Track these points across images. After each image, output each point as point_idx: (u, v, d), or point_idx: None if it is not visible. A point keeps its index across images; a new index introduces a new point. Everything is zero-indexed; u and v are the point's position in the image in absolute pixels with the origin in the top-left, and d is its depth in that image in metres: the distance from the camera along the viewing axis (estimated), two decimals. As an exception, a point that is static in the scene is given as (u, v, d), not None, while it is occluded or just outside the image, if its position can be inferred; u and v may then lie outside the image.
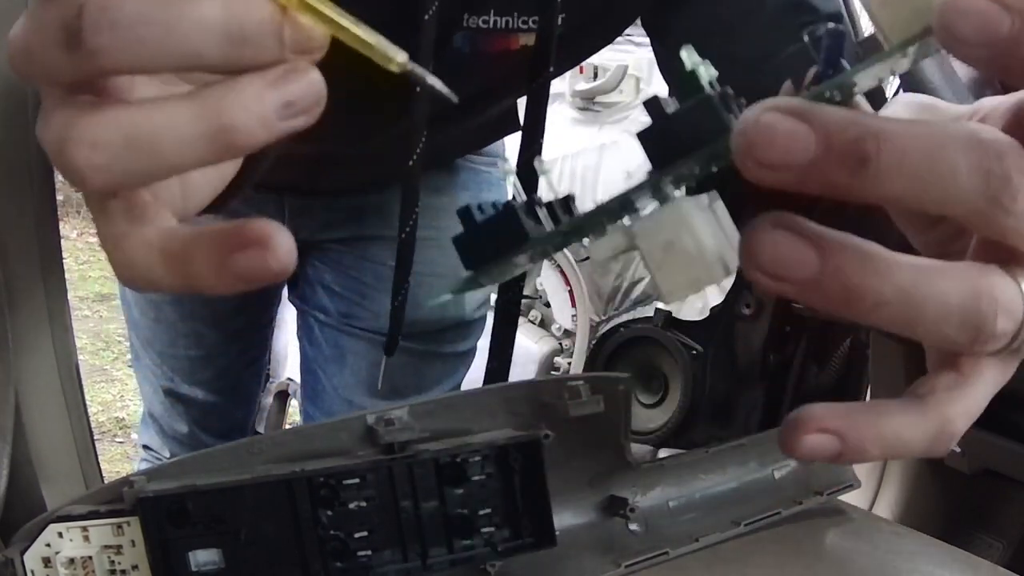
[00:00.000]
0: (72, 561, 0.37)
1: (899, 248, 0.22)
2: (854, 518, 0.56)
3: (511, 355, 0.67)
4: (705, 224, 0.22)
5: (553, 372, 1.98)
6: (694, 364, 1.21)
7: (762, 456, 0.55)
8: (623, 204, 0.23)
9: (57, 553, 0.37)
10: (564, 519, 0.47)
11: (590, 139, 2.08)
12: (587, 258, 2.01)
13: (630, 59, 2.03)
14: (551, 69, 0.60)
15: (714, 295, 1.43)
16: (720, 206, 0.24)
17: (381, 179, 0.86)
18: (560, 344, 2.02)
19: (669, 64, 0.73)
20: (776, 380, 1.03)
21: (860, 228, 0.22)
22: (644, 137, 0.23)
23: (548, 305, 2.06)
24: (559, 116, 2.10)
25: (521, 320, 1.95)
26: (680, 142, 0.22)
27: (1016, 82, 0.21)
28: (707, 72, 0.23)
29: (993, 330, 0.22)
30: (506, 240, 0.24)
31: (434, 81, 0.25)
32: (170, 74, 0.25)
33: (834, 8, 0.67)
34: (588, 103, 2.10)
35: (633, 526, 0.49)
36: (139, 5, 0.21)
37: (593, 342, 1.88)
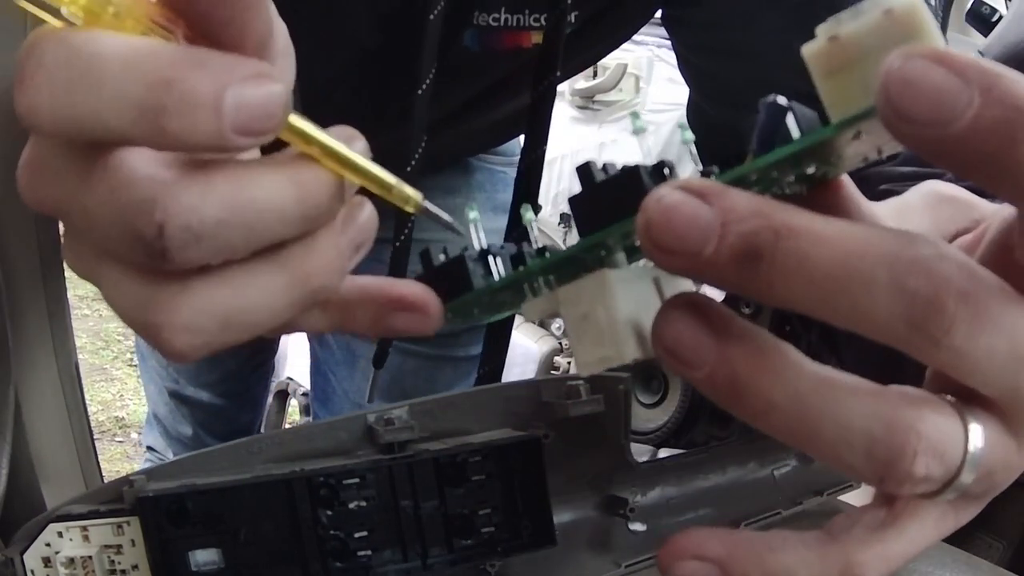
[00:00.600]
0: (72, 561, 0.37)
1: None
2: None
3: (503, 361, 0.66)
4: (625, 298, 0.22)
5: (553, 372, 1.98)
6: (694, 363, 1.22)
7: (762, 456, 0.55)
8: (558, 265, 0.23)
9: (57, 553, 0.37)
10: (564, 519, 0.47)
11: (589, 138, 2.08)
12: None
13: (629, 57, 2.03)
14: (558, 74, 0.60)
15: (714, 295, 1.43)
16: (666, 280, 0.23)
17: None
18: (560, 343, 2.02)
19: (688, 60, 0.72)
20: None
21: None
22: (573, 203, 0.22)
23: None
24: (558, 114, 2.09)
25: (521, 320, 1.95)
26: (604, 211, 0.21)
27: (976, 181, 0.18)
28: (683, 135, 0.23)
29: (909, 470, 0.18)
30: (454, 288, 0.25)
31: (444, 217, 0.27)
32: None
33: (854, 2, 0.67)
34: (587, 101, 2.10)
35: (633, 526, 0.49)
36: (218, 211, 0.20)
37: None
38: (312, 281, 0.22)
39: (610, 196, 0.21)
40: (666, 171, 0.21)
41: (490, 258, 0.25)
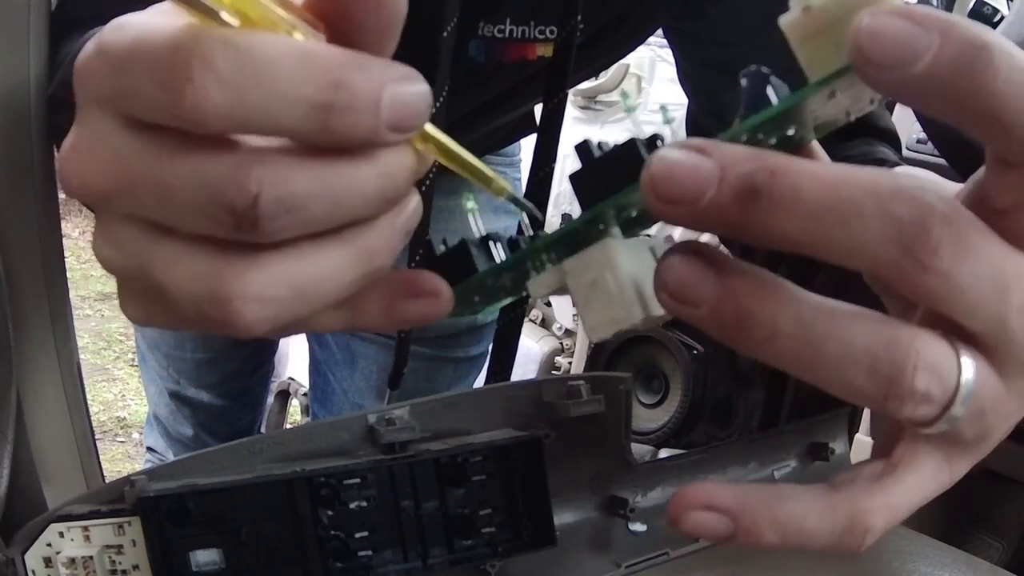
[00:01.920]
0: (73, 561, 0.37)
1: None
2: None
3: (512, 364, 0.66)
4: (629, 264, 0.23)
5: (554, 372, 1.98)
6: (695, 364, 1.21)
7: (762, 456, 0.55)
8: (560, 241, 0.24)
9: (58, 553, 0.37)
10: (564, 519, 0.47)
11: (591, 138, 2.08)
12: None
13: (631, 58, 2.03)
14: (567, 92, 0.60)
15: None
16: (660, 246, 0.25)
17: None
18: (561, 344, 2.02)
19: (689, 73, 0.72)
20: (776, 380, 1.03)
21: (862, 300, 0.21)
22: (574, 179, 0.23)
23: (549, 304, 2.06)
24: (560, 115, 2.09)
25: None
26: (604, 184, 0.23)
27: (945, 117, 0.19)
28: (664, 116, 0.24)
29: (911, 385, 0.20)
30: (458, 274, 0.26)
31: (531, 207, 0.27)
32: None
33: None
34: (589, 102, 2.10)
35: (633, 526, 0.49)
36: (308, 186, 0.21)
37: (594, 342, 1.88)
38: (375, 258, 0.23)
39: (609, 169, 0.23)
40: (659, 143, 0.23)
41: (491, 243, 0.26)
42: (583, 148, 0.23)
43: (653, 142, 0.23)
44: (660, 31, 0.71)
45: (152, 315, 0.24)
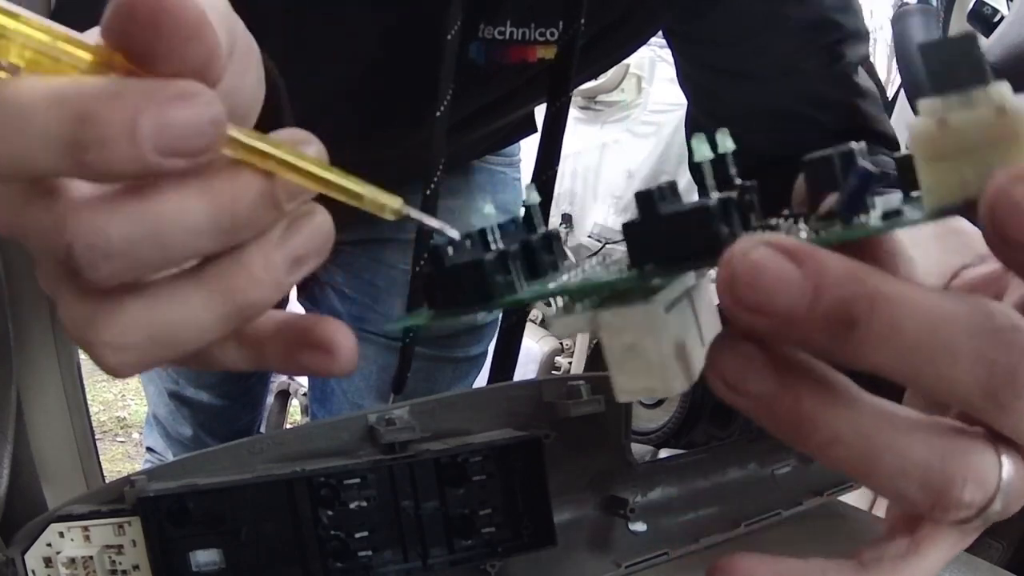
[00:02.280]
0: (73, 561, 0.37)
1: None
2: (854, 518, 0.56)
3: (514, 365, 0.66)
4: (674, 334, 0.21)
5: (554, 372, 1.98)
6: (695, 364, 1.22)
7: (762, 456, 0.55)
8: (598, 289, 0.22)
9: (58, 553, 0.37)
10: (564, 519, 0.47)
11: (591, 138, 2.08)
12: (588, 257, 2.01)
13: (631, 58, 2.03)
14: (571, 94, 0.60)
15: (715, 294, 1.43)
16: (700, 296, 0.23)
17: (396, 183, 0.86)
18: (561, 344, 2.02)
19: (689, 75, 0.72)
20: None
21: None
22: (628, 229, 0.21)
23: (549, 304, 2.06)
24: (560, 115, 2.09)
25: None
26: (664, 246, 0.20)
27: None
28: (720, 144, 0.21)
29: (959, 498, 0.19)
30: (472, 294, 0.23)
31: (431, 222, 0.26)
32: None
33: (860, 26, 0.67)
34: (589, 102, 2.10)
35: (633, 526, 0.49)
36: (124, 229, 0.20)
37: (594, 342, 1.88)
38: (238, 297, 0.22)
39: (673, 231, 0.20)
40: (735, 215, 0.20)
41: (509, 263, 0.23)
42: (646, 199, 0.20)
43: (727, 209, 0.20)
44: (660, 32, 0.71)
45: None
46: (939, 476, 0.19)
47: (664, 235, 0.20)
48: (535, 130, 0.84)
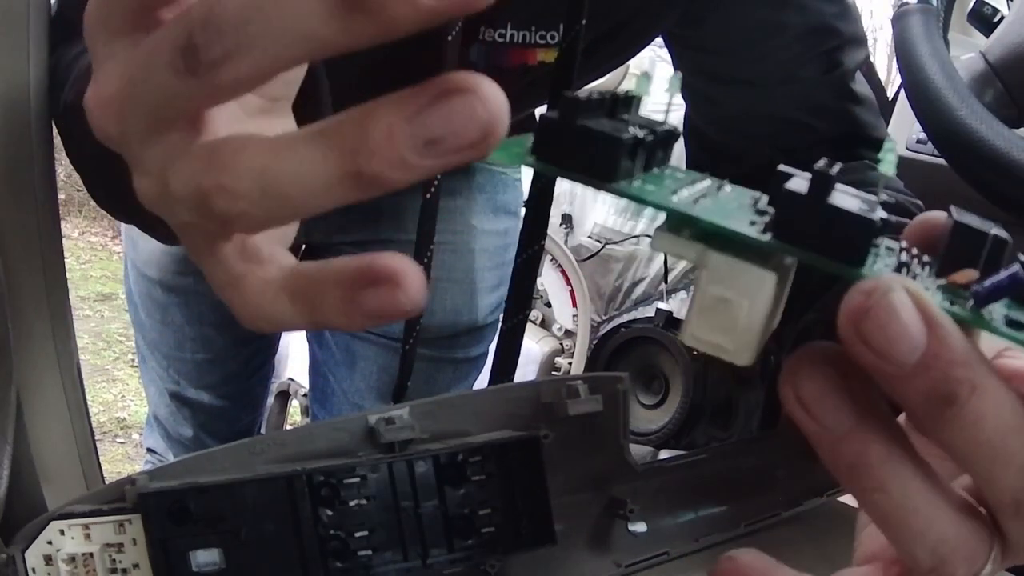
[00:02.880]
0: (73, 559, 0.37)
1: None
2: (853, 518, 0.56)
3: (515, 367, 0.66)
4: (769, 306, 0.21)
5: (554, 372, 1.98)
6: (695, 364, 1.21)
7: (762, 456, 0.55)
8: (719, 234, 0.21)
9: (58, 551, 0.37)
10: (564, 520, 0.47)
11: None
12: (588, 258, 2.01)
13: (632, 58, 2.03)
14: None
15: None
16: (789, 283, 0.22)
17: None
18: (561, 344, 2.02)
19: (687, 82, 0.72)
20: (776, 381, 1.03)
21: None
22: (788, 198, 0.20)
23: (549, 305, 2.06)
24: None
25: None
26: (813, 230, 0.20)
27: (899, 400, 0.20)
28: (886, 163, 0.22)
29: (953, 572, 0.21)
30: (590, 164, 0.21)
31: None
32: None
33: (859, 32, 0.67)
34: (589, 103, 2.10)
35: (633, 526, 0.49)
36: (236, 6, 0.19)
37: (594, 342, 1.88)
38: (356, 161, 0.20)
39: (830, 222, 0.20)
40: (884, 234, 0.21)
41: (639, 152, 0.22)
42: (821, 180, 0.20)
43: (885, 228, 0.20)
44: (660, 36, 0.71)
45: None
46: (948, 550, 0.21)
47: (821, 225, 0.20)
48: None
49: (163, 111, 0.22)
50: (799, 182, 0.20)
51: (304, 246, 0.94)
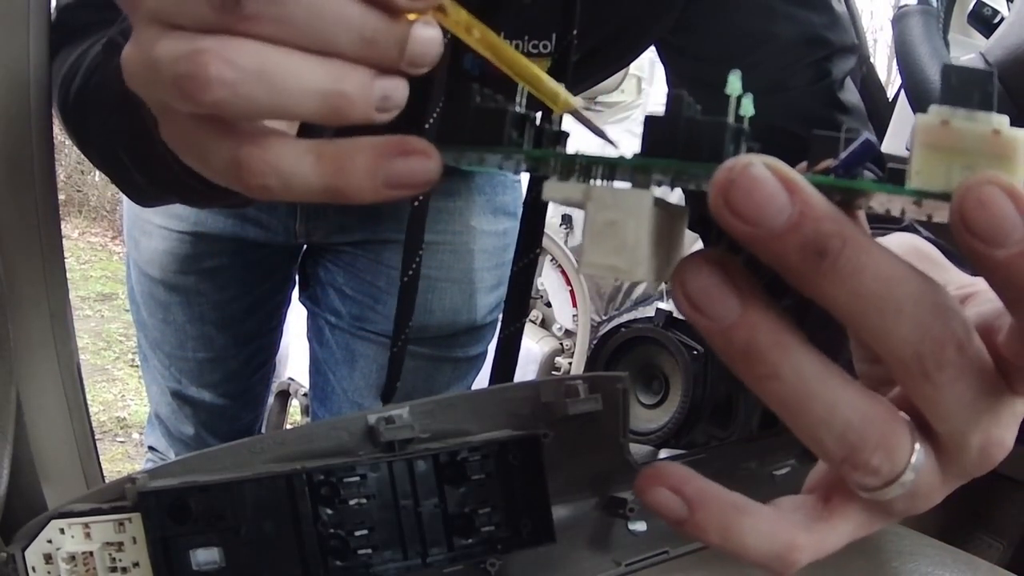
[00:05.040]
0: (73, 557, 0.37)
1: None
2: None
3: (515, 368, 0.67)
4: (654, 225, 0.22)
5: (554, 372, 1.98)
6: (695, 364, 1.22)
7: (762, 456, 0.55)
8: (594, 164, 0.24)
9: (58, 549, 0.37)
10: (564, 519, 0.47)
11: (591, 138, 2.08)
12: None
13: (631, 59, 2.03)
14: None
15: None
16: (684, 220, 0.24)
17: None
18: (561, 344, 2.02)
19: (678, 86, 0.73)
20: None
21: (822, 327, 0.23)
22: (649, 122, 0.23)
23: (549, 305, 2.06)
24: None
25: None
26: (676, 144, 0.22)
27: (1006, 299, 0.21)
28: (743, 107, 0.23)
29: (867, 460, 0.22)
30: (482, 134, 0.25)
31: (595, 128, 0.28)
32: None
33: (848, 41, 0.67)
34: (589, 103, 2.11)
35: (633, 525, 0.49)
36: None
37: (594, 342, 1.88)
38: (344, 82, 0.24)
39: (688, 133, 0.22)
40: (745, 143, 0.23)
41: (527, 124, 0.25)
42: (676, 99, 0.23)
43: (738, 135, 0.23)
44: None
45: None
46: (855, 435, 0.22)
47: (679, 134, 0.22)
48: None
49: (194, 19, 0.23)
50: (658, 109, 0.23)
51: (305, 246, 0.94)
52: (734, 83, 0.23)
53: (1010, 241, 0.19)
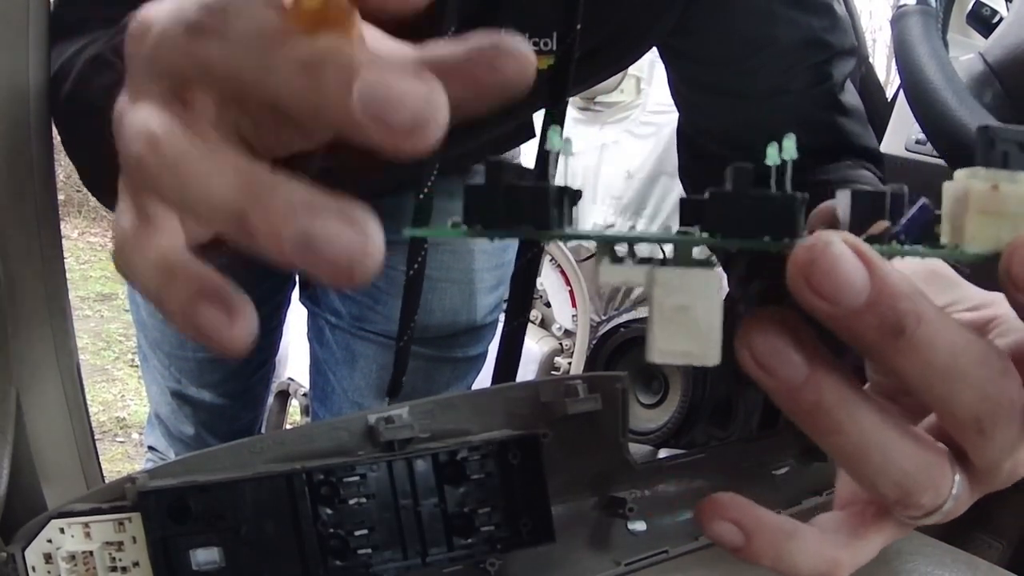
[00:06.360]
0: (73, 557, 0.37)
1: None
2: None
3: (516, 368, 0.67)
4: (721, 302, 0.22)
5: (553, 372, 1.98)
6: (694, 364, 1.21)
7: (762, 456, 0.56)
8: (657, 243, 0.23)
9: (58, 549, 0.37)
10: (564, 518, 0.47)
11: (591, 138, 2.08)
12: (587, 258, 2.01)
13: (631, 59, 2.03)
14: (567, 101, 0.60)
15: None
16: (722, 284, 0.24)
17: (396, 184, 0.86)
18: (560, 344, 2.02)
19: (680, 91, 0.73)
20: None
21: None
22: (717, 197, 0.22)
23: (548, 305, 2.06)
24: (560, 116, 2.09)
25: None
26: (741, 221, 0.22)
27: None
28: (785, 150, 0.23)
29: (919, 501, 0.23)
30: (522, 219, 0.22)
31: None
32: None
33: (848, 43, 0.67)
34: (589, 103, 2.10)
35: (632, 525, 0.49)
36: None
37: (593, 342, 1.88)
38: (248, 203, 0.21)
39: (754, 209, 0.22)
40: (803, 213, 0.22)
41: (565, 199, 0.23)
42: (742, 173, 0.22)
43: (804, 204, 0.22)
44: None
45: None
46: (911, 481, 0.23)
47: (743, 209, 0.21)
48: (533, 136, 0.84)
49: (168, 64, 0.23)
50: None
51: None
52: (772, 155, 0.23)
53: None
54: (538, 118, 0.67)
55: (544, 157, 0.62)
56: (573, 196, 0.24)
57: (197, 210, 0.22)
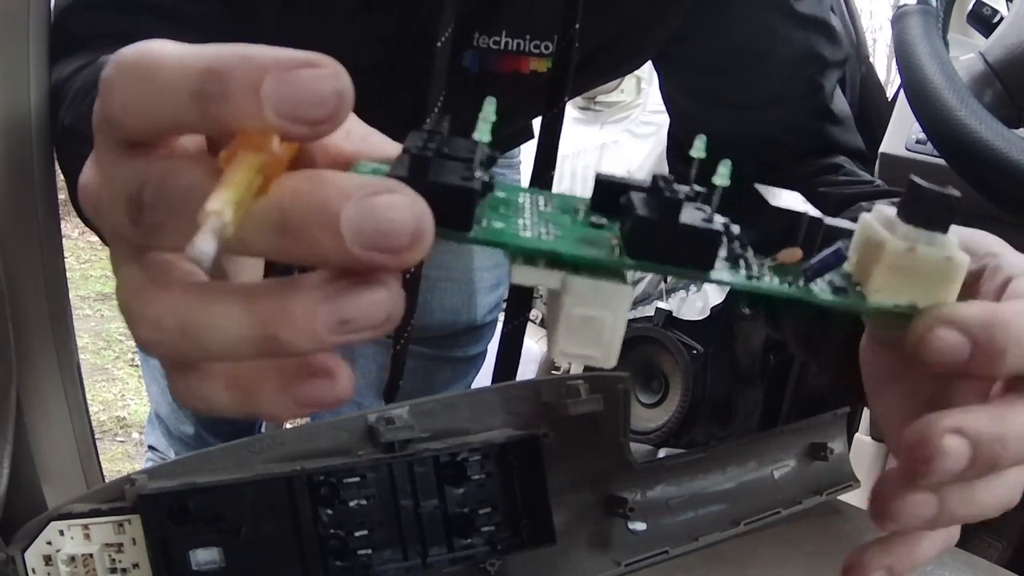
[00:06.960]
0: (73, 559, 0.37)
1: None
2: (854, 518, 0.56)
3: (516, 368, 0.67)
4: (626, 317, 0.23)
5: (554, 371, 1.98)
6: (694, 364, 1.21)
7: (762, 456, 0.55)
8: (577, 259, 0.23)
9: (58, 551, 0.37)
10: (564, 518, 0.47)
11: (591, 139, 2.08)
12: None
13: (631, 59, 2.03)
14: (566, 99, 0.60)
15: (715, 294, 1.43)
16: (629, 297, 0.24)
17: None
18: (561, 344, 2.02)
19: (674, 100, 0.73)
20: (776, 380, 1.03)
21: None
22: (642, 223, 0.22)
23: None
24: (560, 116, 2.09)
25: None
26: (669, 250, 0.22)
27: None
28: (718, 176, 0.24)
29: None
30: (452, 219, 0.22)
31: None
32: None
33: (841, 56, 0.68)
34: (589, 102, 2.10)
35: (633, 525, 0.49)
36: (191, 179, 0.21)
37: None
38: (270, 328, 0.21)
39: (683, 241, 0.22)
40: (737, 244, 0.24)
41: (493, 200, 0.24)
42: (670, 204, 0.22)
43: (728, 236, 0.24)
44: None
45: None
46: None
47: (672, 241, 0.22)
48: (532, 137, 0.84)
49: (117, 233, 0.23)
50: (642, 202, 0.22)
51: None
52: (723, 174, 0.24)
53: (959, 355, 0.24)
54: (537, 119, 0.67)
55: (544, 157, 0.62)
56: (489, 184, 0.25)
57: (229, 358, 0.22)
